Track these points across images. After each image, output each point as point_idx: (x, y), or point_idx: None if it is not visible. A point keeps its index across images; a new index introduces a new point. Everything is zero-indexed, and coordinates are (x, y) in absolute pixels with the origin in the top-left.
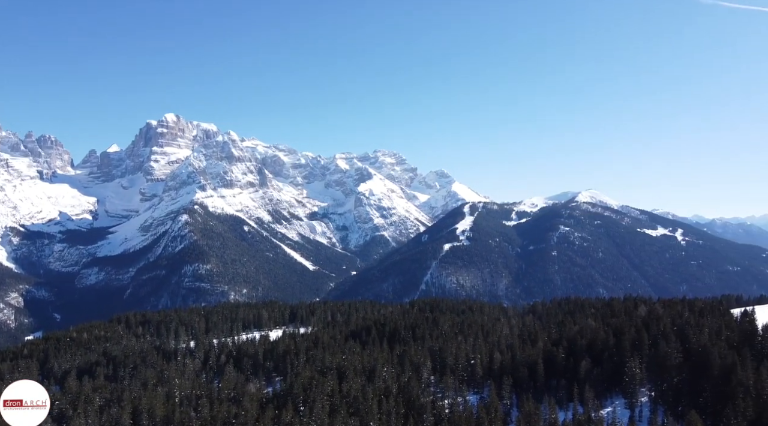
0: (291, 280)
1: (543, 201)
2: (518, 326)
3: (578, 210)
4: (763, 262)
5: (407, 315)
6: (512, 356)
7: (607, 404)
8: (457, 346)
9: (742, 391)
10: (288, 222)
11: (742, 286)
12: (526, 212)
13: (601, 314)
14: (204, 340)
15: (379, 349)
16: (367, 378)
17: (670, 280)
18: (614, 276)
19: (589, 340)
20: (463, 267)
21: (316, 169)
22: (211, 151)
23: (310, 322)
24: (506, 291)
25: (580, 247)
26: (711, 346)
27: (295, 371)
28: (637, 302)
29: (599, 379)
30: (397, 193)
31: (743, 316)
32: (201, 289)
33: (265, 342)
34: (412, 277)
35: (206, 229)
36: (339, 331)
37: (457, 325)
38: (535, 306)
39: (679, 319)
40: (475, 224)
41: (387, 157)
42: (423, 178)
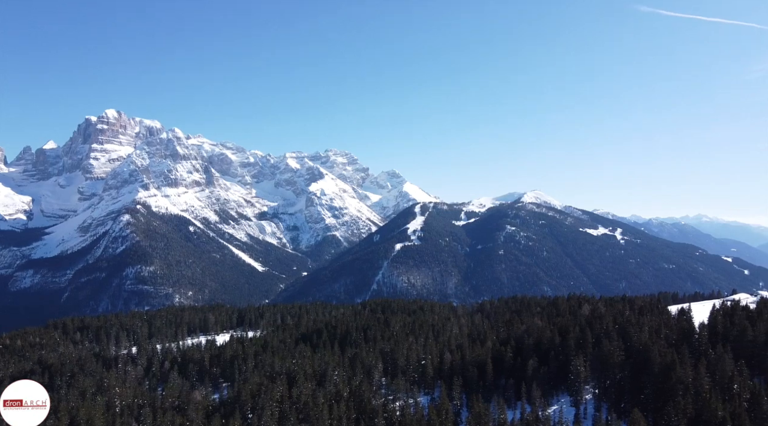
0: (239, 281)
1: (491, 201)
2: (468, 325)
3: (524, 210)
4: (696, 260)
5: (359, 316)
6: (462, 356)
7: (553, 402)
8: (409, 346)
9: (682, 388)
10: (236, 222)
11: (677, 282)
12: (475, 212)
13: (547, 313)
14: (147, 346)
15: (331, 352)
16: (318, 382)
17: (611, 277)
18: (558, 274)
19: (535, 339)
20: (414, 266)
21: (266, 168)
22: (155, 148)
23: (259, 326)
24: (455, 290)
25: (526, 246)
26: (651, 345)
27: (243, 377)
28: (581, 301)
29: (546, 378)
30: (349, 193)
31: (680, 315)
32: (144, 292)
33: (212, 347)
34: (364, 277)
35: (149, 230)
36: (289, 335)
37: (409, 325)
38: (484, 305)
39: (621, 318)
40: (426, 224)
41: (339, 156)
42: (375, 179)
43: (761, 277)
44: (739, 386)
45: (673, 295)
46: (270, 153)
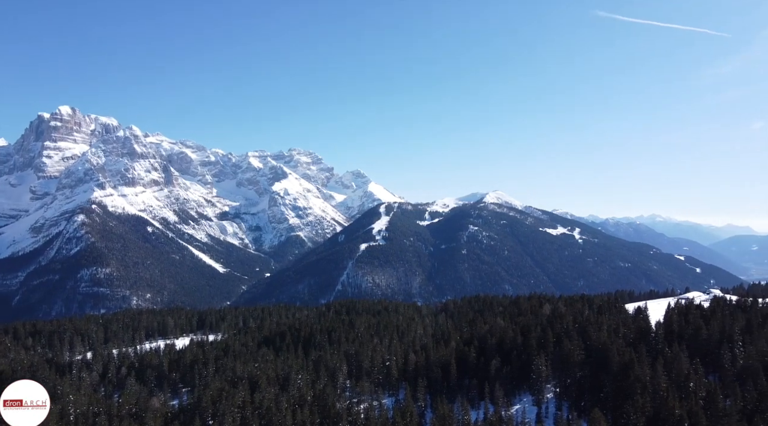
0: (199, 283)
1: (454, 202)
2: (432, 326)
3: (486, 210)
4: (650, 258)
5: (323, 318)
6: (426, 357)
7: (515, 402)
8: (373, 348)
9: (640, 387)
10: (196, 222)
11: (633, 280)
12: (439, 212)
13: (509, 313)
14: (102, 351)
15: (294, 355)
16: (281, 387)
17: (569, 275)
18: (519, 273)
19: (498, 339)
20: (379, 266)
21: (227, 167)
22: (111, 146)
23: (220, 329)
24: (420, 289)
25: (488, 246)
26: (610, 344)
27: (204, 382)
28: (542, 300)
29: (508, 378)
30: (314, 193)
31: (637, 313)
32: (100, 294)
33: (171, 351)
34: (328, 277)
35: (105, 230)
36: (251, 338)
37: (373, 326)
38: (448, 304)
39: (581, 317)
40: (391, 224)
41: (303, 156)
42: (340, 178)
43: (712, 274)
44: (695, 384)
45: (629, 294)
46: (232, 152)
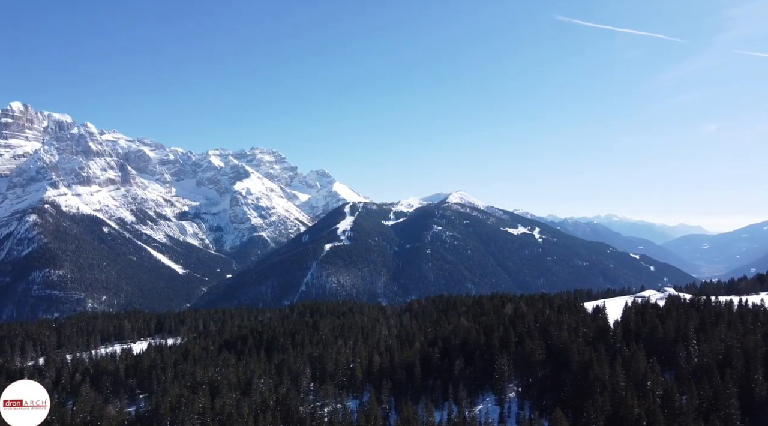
0: (158, 285)
1: (418, 202)
2: (396, 326)
3: (449, 210)
4: (607, 257)
5: (286, 320)
6: (391, 358)
7: (479, 402)
8: (338, 350)
9: (599, 386)
10: (154, 222)
11: (590, 279)
12: (403, 212)
13: (472, 313)
14: (55, 357)
15: (256, 359)
16: (243, 392)
17: (530, 274)
18: (481, 272)
19: (462, 339)
20: (343, 267)
21: (187, 165)
22: (65, 144)
23: (180, 333)
24: (384, 289)
25: (451, 245)
26: (570, 343)
27: (162, 388)
28: (504, 300)
29: (472, 378)
30: (277, 193)
31: (596, 312)
32: (53, 297)
33: (128, 356)
34: (292, 278)
35: (59, 231)
36: (212, 342)
37: (338, 328)
38: (412, 304)
39: (542, 317)
40: (356, 224)
41: (265, 155)
42: (304, 178)
43: (665, 272)
44: (652, 383)
45: (587, 292)
46: (192, 150)
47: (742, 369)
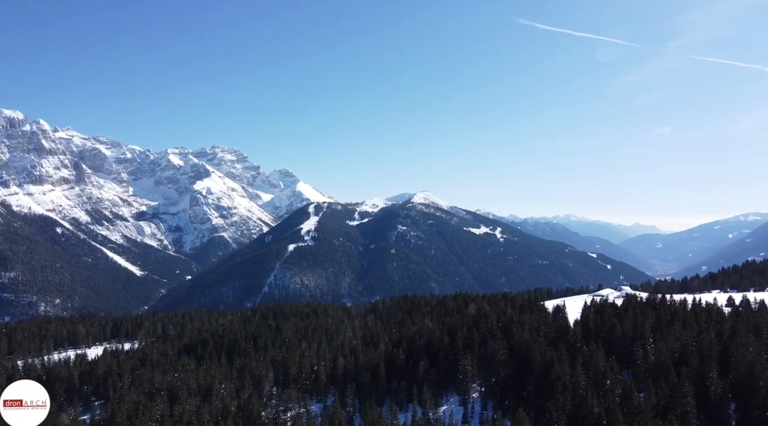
0: (114, 287)
1: (383, 202)
2: (361, 327)
3: (414, 210)
4: (566, 256)
5: (248, 323)
6: (356, 361)
7: (443, 402)
8: (301, 353)
9: (561, 385)
10: (111, 223)
11: (550, 277)
12: (368, 212)
13: (436, 313)
14: (6, 363)
15: (217, 363)
16: (203, 398)
17: (491, 273)
18: (445, 271)
19: (426, 340)
20: (307, 267)
21: (145, 164)
22: (17, 142)
23: (137, 337)
24: (349, 289)
25: (416, 245)
26: (532, 343)
27: (119, 395)
28: (467, 300)
29: (436, 379)
30: (239, 192)
31: (556, 312)
32: (3, 300)
33: (82, 362)
34: (254, 279)
35: (9, 232)
36: (171, 346)
37: (302, 330)
38: (377, 305)
39: (504, 317)
40: (320, 224)
41: (227, 153)
42: (266, 177)
43: (621, 271)
44: (612, 382)
45: (547, 291)
46: (150, 148)
47: (697, 367)
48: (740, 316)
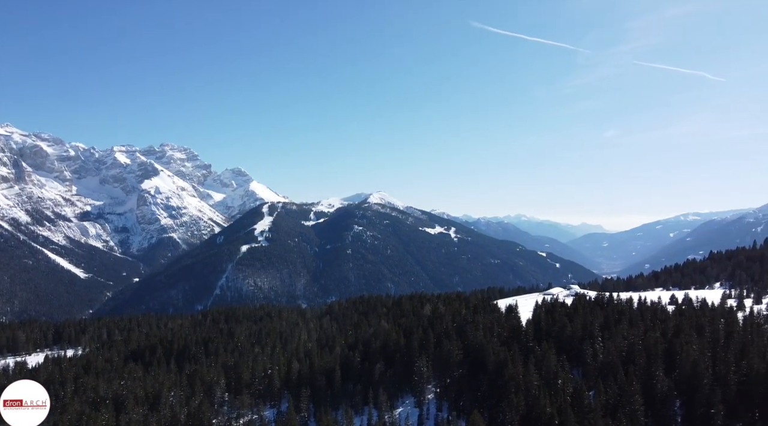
0: (57, 291)
1: (339, 202)
2: (316, 330)
3: (370, 210)
4: (517, 255)
5: (199, 327)
6: (311, 364)
7: (398, 405)
8: (254, 358)
9: (514, 385)
10: (53, 223)
11: (502, 276)
12: (324, 212)
13: (392, 314)
14: None
15: (166, 370)
16: (151, 406)
17: (446, 272)
18: (400, 271)
19: (382, 342)
20: (261, 269)
21: (90, 162)
22: None
23: (81, 343)
24: (304, 290)
25: (372, 245)
26: (486, 343)
27: (61, 405)
28: (423, 300)
29: (392, 381)
30: (189, 192)
31: (509, 312)
32: None
33: (22, 370)
34: (205, 281)
35: None
36: (117, 353)
37: (255, 334)
38: (333, 306)
39: (459, 317)
40: (275, 224)
41: (176, 152)
42: (218, 176)
43: (569, 269)
44: (563, 382)
45: (500, 290)
46: (95, 146)
47: (644, 365)
48: (683, 315)
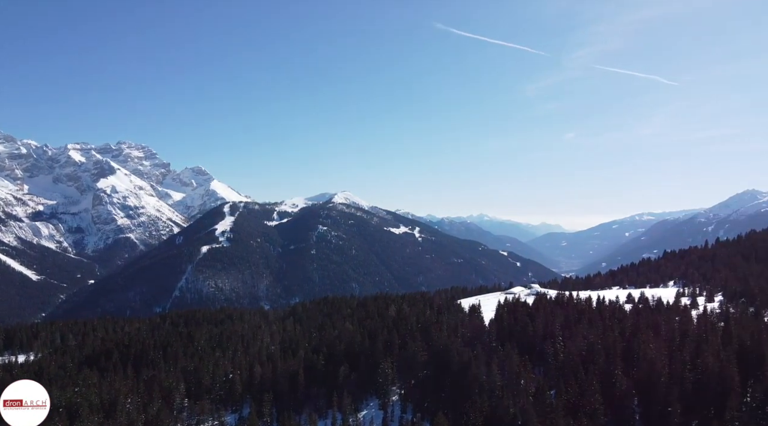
0: (8, 293)
1: (303, 201)
2: (279, 333)
3: (335, 210)
4: (479, 254)
5: (157, 331)
6: (273, 368)
7: (362, 407)
8: (215, 362)
9: (478, 386)
10: (3, 224)
11: (464, 275)
12: (288, 212)
13: (357, 316)
14: None
15: (122, 376)
16: (106, 414)
17: (410, 272)
18: (365, 271)
19: (347, 344)
20: (222, 270)
21: (42, 160)
22: None
23: (33, 348)
24: (267, 291)
25: (337, 245)
26: (450, 344)
27: None
28: (388, 301)
29: (357, 384)
30: (147, 191)
31: (472, 312)
32: None
33: None
34: (164, 282)
35: None
36: (71, 358)
37: (216, 337)
38: (296, 308)
39: (423, 317)
40: (236, 225)
41: (134, 150)
42: (177, 175)
43: (530, 268)
44: (525, 381)
45: (463, 289)
46: (48, 144)
47: (603, 364)
48: (640, 314)
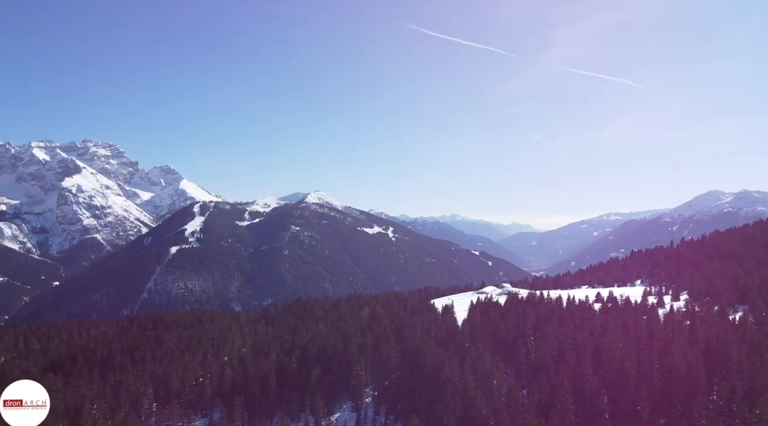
0: None
1: (275, 201)
2: (251, 335)
3: (308, 210)
4: (452, 254)
5: (125, 335)
6: (245, 371)
7: (336, 410)
8: (184, 366)
9: (451, 387)
10: None
11: (437, 274)
12: (260, 212)
13: (330, 317)
14: None
15: (88, 381)
16: (72, 420)
17: (384, 272)
18: (338, 271)
19: (320, 346)
20: (192, 271)
21: (5, 159)
22: None
23: None
24: (238, 293)
25: (309, 246)
26: (423, 345)
27: None
28: (361, 303)
29: (330, 386)
30: (114, 190)
31: (445, 312)
32: None
33: None
34: (132, 284)
35: None
36: (34, 363)
37: (185, 340)
38: (268, 310)
39: (397, 319)
40: (206, 225)
41: (100, 148)
42: (146, 174)
43: (501, 267)
44: (498, 382)
45: (436, 289)
46: (10, 141)
47: (573, 364)
48: (609, 313)
